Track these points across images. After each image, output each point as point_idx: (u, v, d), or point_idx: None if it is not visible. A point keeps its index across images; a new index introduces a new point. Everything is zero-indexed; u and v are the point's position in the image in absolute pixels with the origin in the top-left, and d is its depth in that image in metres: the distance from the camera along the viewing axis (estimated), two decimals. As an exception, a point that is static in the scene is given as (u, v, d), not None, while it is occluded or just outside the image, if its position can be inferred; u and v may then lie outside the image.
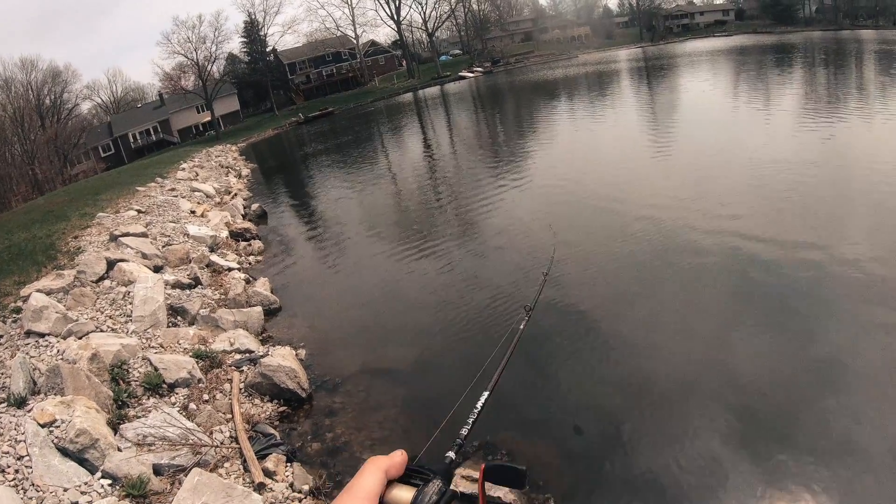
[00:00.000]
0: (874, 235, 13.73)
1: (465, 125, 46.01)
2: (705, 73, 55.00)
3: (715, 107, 35.24)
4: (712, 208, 16.36)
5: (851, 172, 18.70)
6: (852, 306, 10.80)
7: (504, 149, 31.36)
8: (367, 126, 55.59)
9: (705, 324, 10.60)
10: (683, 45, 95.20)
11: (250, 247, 19.59)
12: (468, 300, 13.36)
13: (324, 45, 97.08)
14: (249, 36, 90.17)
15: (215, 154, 48.53)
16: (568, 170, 23.68)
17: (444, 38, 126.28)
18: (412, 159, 33.60)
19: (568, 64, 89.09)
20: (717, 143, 24.52)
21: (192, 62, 72.74)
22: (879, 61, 50.27)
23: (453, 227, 19.11)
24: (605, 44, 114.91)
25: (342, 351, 12.01)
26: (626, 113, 37.45)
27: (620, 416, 8.46)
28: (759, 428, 7.88)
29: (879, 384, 8.60)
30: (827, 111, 29.49)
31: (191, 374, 9.62)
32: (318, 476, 7.96)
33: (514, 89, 67.52)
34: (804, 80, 44.21)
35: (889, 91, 34.54)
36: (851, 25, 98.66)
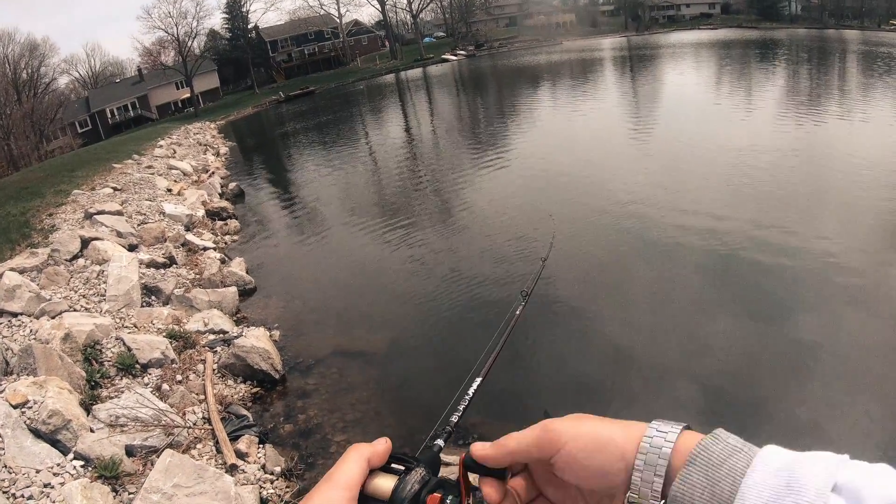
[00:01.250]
0: (848, 225, 14.17)
1: (446, 108, 45.99)
2: (689, 65, 55.38)
3: (697, 98, 35.56)
4: (699, 197, 16.59)
5: (829, 166, 19.09)
6: (826, 293, 11.16)
7: (485, 132, 31.44)
8: (349, 106, 55.26)
9: (708, 316, 10.67)
10: (668, 37, 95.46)
11: (227, 226, 19.51)
12: (448, 282, 13.47)
13: (306, 24, 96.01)
14: (231, 12, 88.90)
15: (194, 131, 47.97)
16: (549, 154, 23.84)
17: (429, 20, 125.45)
18: (393, 140, 33.55)
19: (551, 50, 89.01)
20: (699, 134, 24.80)
21: (172, 37, 71.69)
22: (861, 62, 50.91)
23: (434, 208, 19.21)
24: (590, 32, 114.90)
25: (317, 332, 12.07)
26: (607, 101, 37.61)
27: (615, 402, 8.60)
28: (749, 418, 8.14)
29: (849, 368, 8.96)
30: (807, 107, 29.90)
31: (164, 354, 9.61)
32: (290, 457, 8.04)
33: (496, 74, 67.44)
34: (787, 75, 44.72)
35: (868, 90, 35.09)
36: (836, 25, 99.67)
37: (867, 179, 17.24)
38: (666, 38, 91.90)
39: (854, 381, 8.62)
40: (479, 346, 5.82)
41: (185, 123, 54.78)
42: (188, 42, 73.19)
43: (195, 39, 76.02)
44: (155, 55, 75.40)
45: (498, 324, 3.19)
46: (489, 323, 11.61)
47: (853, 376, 8.70)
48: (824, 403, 8.24)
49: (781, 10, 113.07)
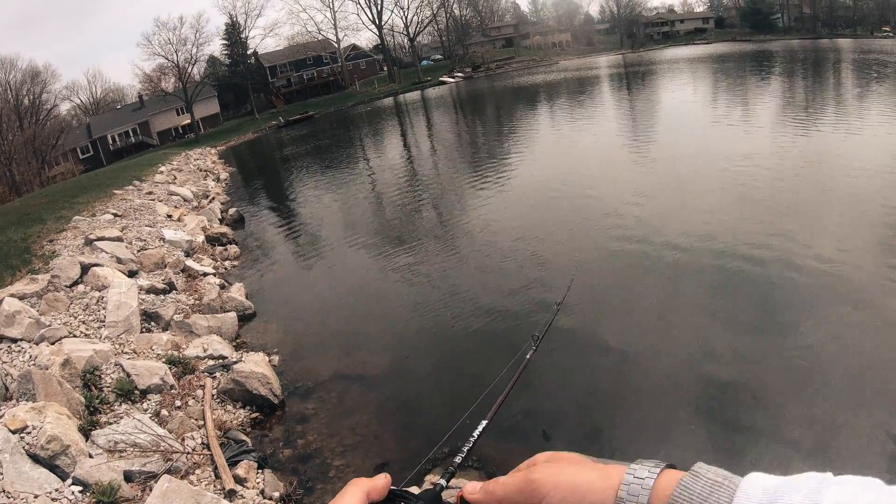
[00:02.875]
0: (847, 236, 14.31)
1: (446, 130, 46.23)
2: (684, 79, 55.80)
3: (695, 112, 35.81)
4: (710, 219, 16.63)
5: (827, 176, 19.25)
6: (827, 303, 11.32)
7: (485, 154, 31.60)
8: (348, 130, 55.58)
9: (723, 365, 10.11)
10: (663, 53, 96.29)
11: (226, 252, 19.59)
12: (448, 308, 13.49)
13: (305, 49, 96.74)
14: (230, 38, 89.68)
15: (194, 157, 48.25)
16: (550, 175, 23.94)
17: (426, 43, 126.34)
18: (392, 164, 33.73)
19: (549, 70, 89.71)
20: (701, 149, 24.93)
21: (172, 64, 72.31)
22: (855, 69, 51.37)
23: (435, 233, 19.25)
24: (586, 50, 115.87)
25: (316, 357, 12.09)
26: (605, 118, 37.89)
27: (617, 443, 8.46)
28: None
29: (851, 378, 9.01)
30: (804, 117, 30.15)
31: (163, 380, 9.65)
32: (288, 483, 8.05)
33: (495, 95, 67.87)
34: (783, 86, 45.04)
35: (864, 97, 35.38)
36: (830, 34, 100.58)
37: (868, 187, 17.39)
38: (661, 55, 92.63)
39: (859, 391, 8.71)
40: (480, 376, 5.76)
41: (185, 149, 55.15)
42: (188, 68, 73.89)
43: (195, 66, 76.88)
44: (155, 81, 76.12)
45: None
46: (492, 350, 11.67)
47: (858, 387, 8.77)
48: (827, 414, 8.30)
49: (774, 21, 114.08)
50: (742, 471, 0.96)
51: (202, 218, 22.86)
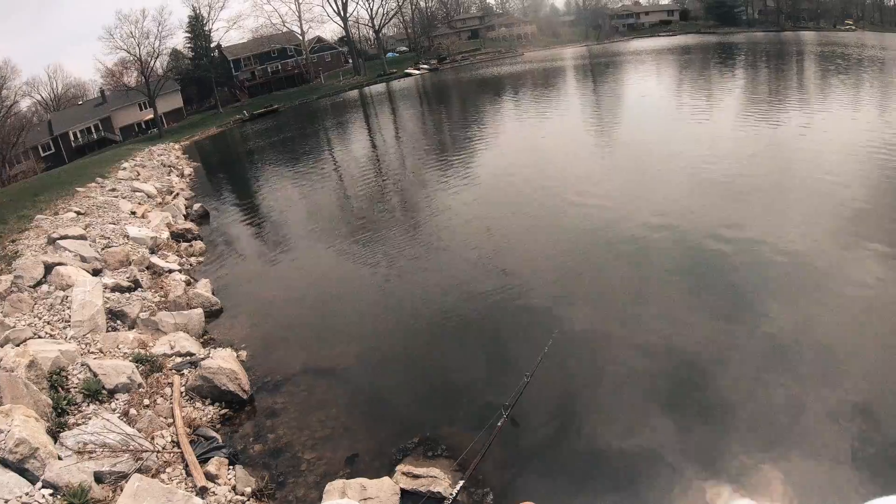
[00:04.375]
0: (808, 222, 14.92)
1: (411, 122, 46.22)
2: (649, 71, 56.49)
3: (658, 103, 36.28)
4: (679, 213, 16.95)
5: (789, 164, 19.83)
6: (790, 287, 11.88)
7: (450, 148, 31.66)
8: (313, 123, 55.25)
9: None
10: (628, 44, 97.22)
11: (192, 247, 19.47)
12: (414, 298, 13.70)
13: (269, 42, 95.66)
14: (193, 31, 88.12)
15: (157, 153, 47.60)
16: (518, 170, 24.03)
17: (391, 35, 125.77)
18: (358, 157, 33.67)
19: (514, 61, 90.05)
20: (666, 140, 25.36)
21: (134, 58, 70.69)
22: (818, 61, 52.56)
23: (400, 223, 19.36)
24: (552, 42, 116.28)
25: (284, 351, 12.16)
26: (573, 111, 38.19)
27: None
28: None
29: (813, 359, 9.55)
30: (767, 107, 30.85)
31: (131, 378, 9.63)
32: (260, 478, 8.15)
33: (460, 86, 67.95)
34: (745, 78, 45.94)
35: (825, 89, 36.31)
36: (793, 27, 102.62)
37: (828, 175, 18.02)
38: (626, 46, 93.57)
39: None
40: (444, 366, 5.89)
41: (148, 145, 54.30)
42: (151, 62, 72.23)
43: (158, 59, 75.20)
44: (117, 76, 74.25)
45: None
46: (454, 331, 11.91)
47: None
48: (790, 393, 8.68)
49: (739, 14, 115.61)
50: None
51: (166, 214, 22.64)
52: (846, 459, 7.53)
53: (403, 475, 7.96)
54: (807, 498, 7.09)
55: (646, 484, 7.55)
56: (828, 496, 7.10)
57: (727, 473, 7.55)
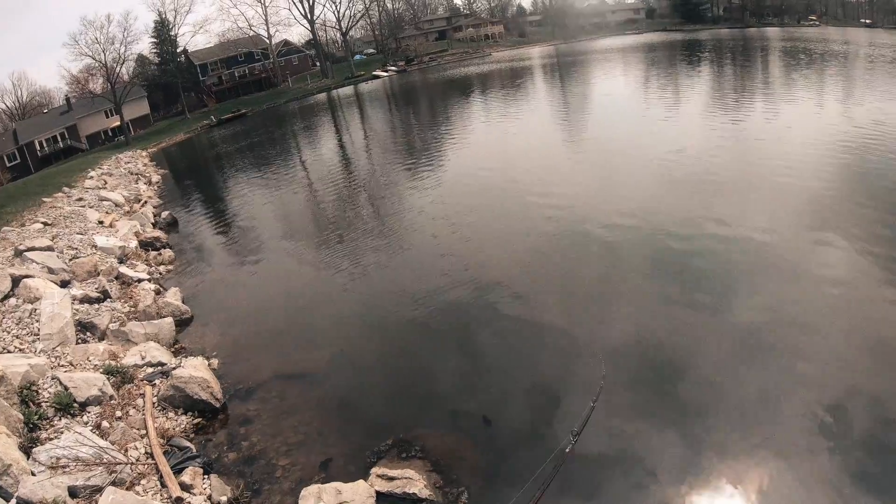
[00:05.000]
0: (775, 214, 15.39)
1: (379, 124, 46.24)
2: (616, 69, 57.22)
3: (626, 101, 36.82)
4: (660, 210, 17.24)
5: (755, 157, 20.39)
6: (756, 278, 12.34)
7: (419, 150, 31.76)
8: (281, 127, 54.97)
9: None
10: (595, 43, 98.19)
11: (160, 256, 19.34)
12: (383, 303, 13.77)
13: (236, 46, 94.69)
14: (159, 36, 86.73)
15: (125, 160, 46.94)
16: (484, 169, 24.33)
17: (358, 37, 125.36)
18: (326, 161, 33.57)
19: (482, 62, 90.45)
20: (635, 137, 25.77)
21: (100, 64, 69.40)
22: (782, 56, 53.71)
23: (369, 229, 19.40)
24: (519, 42, 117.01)
25: (255, 357, 12.19)
26: (540, 110, 38.49)
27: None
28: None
29: (785, 346, 9.99)
30: (732, 102, 31.53)
31: (102, 391, 9.61)
32: (235, 486, 8.20)
33: (428, 87, 68.11)
34: (711, 74, 46.74)
35: (789, 83, 37.13)
36: (758, 23, 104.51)
37: (792, 167, 18.60)
38: (593, 45, 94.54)
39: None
40: (416, 366, 6.07)
41: (115, 153, 53.49)
42: (116, 68, 70.99)
43: (123, 65, 73.97)
44: (83, 83, 72.82)
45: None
46: (423, 336, 12.07)
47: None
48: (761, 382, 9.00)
49: (704, 12, 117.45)
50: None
51: (134, 223, 22.43)
52: (818, 448, 7.86)
53: (378, 477, 8.07)
54: (783, 490, 7.38)
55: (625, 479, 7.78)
56: (802, 486, 7.39)
57: (708, 466, 7.82)
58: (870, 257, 12.69)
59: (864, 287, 11.62)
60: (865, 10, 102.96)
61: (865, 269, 12.31)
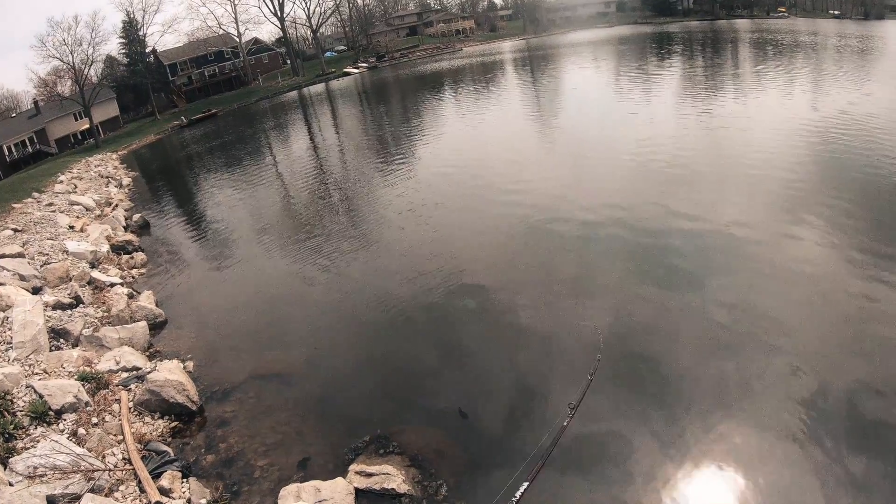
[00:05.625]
0: (745, 201, 15.97)
1: (350, 121, 46.10)
2: (587, 62, 57.67)
3: (599, 94, 37.19)
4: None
5: (723, 147, 20.86)
6: (732, 266, 12.74)
7: (391, 146, 31.81)
8: (253, 126, 54.50)
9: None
10: (566, 37, 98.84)
11: (133, 260, 19.17)
12: (356, 302, 13.85)
13: (206, 45, 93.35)
14: (128, 36, 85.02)
15: (95, 163, 46.22)
16: (457, 166, 24.49)
17: (329, 34, 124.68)
18: (298, 159, 33.45)
19: (453, 57, 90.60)
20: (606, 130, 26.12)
21: (68, 66, 67.87)
22: (751, 48, 54.58)
23: (341, 228, 19.47)
24: (490, 36, 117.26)
25: (231, 358, 12.22)
26: (512, 104, 38.75)
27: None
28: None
29: (757, 334, 10.33)
30: (702, 93, 32.01)
31: (77, 398, 9.57)
32: (214, 488, 8.26)
33: (400, 83, 68.00)
34: (681, 65, 47.30)
35: (758, 74, 37.76)
36: (727, 15, 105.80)
37: (761, 157, 19.07)
38: (564, 38, 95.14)
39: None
40: (390, 361, 6.25)
41: (85, 156, 52.54)
42: (85, 70, 69.51)
43: (92, 67, 72.42)
44: (51, 85, 71.27)
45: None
46: (398, 332, 12.21)
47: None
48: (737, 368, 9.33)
49: (674, 4, 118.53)
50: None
51: (106, 227, 22.18)
52: (791, 429, 8.16)
53: (357, 474, 8.17)
54: (757, 469, 7.65)
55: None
56: (775, 466, 7.66)
57: (681, 445, 8.11)
58: (838, 246, 13.12)
59: (831, 275, 12.04)
60: (834, 2, 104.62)
61: (833, 257, 12.75)
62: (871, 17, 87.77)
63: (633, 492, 7.49)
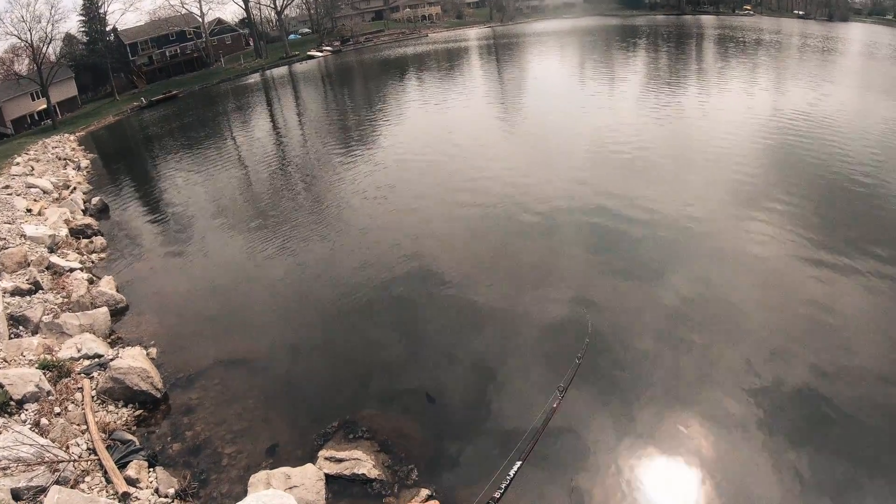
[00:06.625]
0: (705, 192, 16.47)
1: (314, 105, 45.64)
2: (552, 51, 57.98)
3: (563, 84, 37.41)
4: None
5: (686, 139, 21.30)
6: (690, 252, 13.30)
7: (354, 130, 31.70)
8: (214, 109, 53.60)
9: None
10: (532, 26, 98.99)
11: (92, 244, 18.73)
12: (322, 285, 13.90)
13: (167, 24, 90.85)
14: (88, 14, 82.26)
15: (52, 145, 44.85)
16: (419, 150, 24.59)
17: (294, 16, 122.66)
18: (261, 143, 32.98)
19: (418, 42, 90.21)
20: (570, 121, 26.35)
21: (25, 44, 65.54)
22: (715, 43, 55.48)
23: (306, 209, 19.47)
24: (456, 23, 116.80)
25: (195, 344, 12.09)
26: (477, 91, 38.74)
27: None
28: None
29: (715, 321, 10.78)
30: (666, 87, 32.46)
31: (39, 387, 9.36)
32: (182, 477, 8.18)
33: (364, 68, 67.49)
34: (646, 58, 47.91)
35: (722, 70, 38.44)
36: (694, 11, 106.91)
37: (723, 151, 19.53)
38: (530, 27, 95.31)
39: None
40: (357, 346, 6.25)
41: (42, 137, 50.89)
42: (43, 48, 67.25)
43: (51, 45, 70.11)
44: (7, 64, 68.86)
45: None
46: (365, 312, 12.25)
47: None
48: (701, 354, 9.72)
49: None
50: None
51: (64, 210, 21.59)
52: (750, 416, 8.46)
53: (326, 460, 8.17)
54: (718, 454, 7.95)
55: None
56: (734, 452, 7.94)
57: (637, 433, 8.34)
58: (792, 237, 13.58)
59: (786, 261, 12.51)
60: (799, 2, 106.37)
61: (788, 244, 13.23)
62: (836, 19, 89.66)
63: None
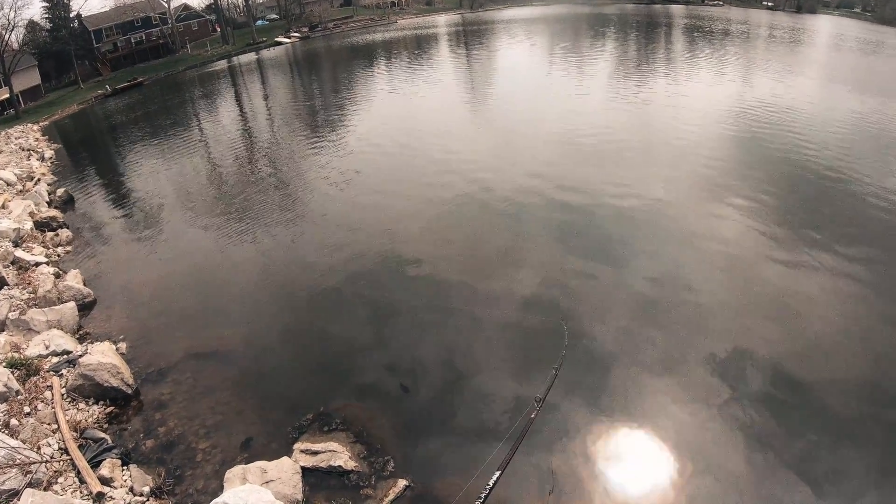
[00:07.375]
0: (672, 181, 16.76)
1: (281, 92, 45.17)
2: (522, 39, 58.11)
3: (533, 72, 37.54)
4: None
5: (653, 127, 21.56)
6: (658, 239, 13.55)
7: (322, 118, 31.51)
8: (180, 96, 52.74)
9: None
10: (502, 13, 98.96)
11: (58, 237, 18.37)
12: (293, 277, 13.88)
13: (132, 10, 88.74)
14: (52, 0, 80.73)
15: (15, 135, 43.61)
16: (386, 139, 24.57)
17: (261, 1, 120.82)
18: (228, 131, 32.55)
19: (387, 29, 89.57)
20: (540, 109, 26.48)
21: None
22: (684, 33, 56.10)
23: (275, 199, 19.41)
24: (425, 10, 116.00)
25: (165, 339, 11.96)
26: (446, 78, 38.81)
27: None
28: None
29: (684, 306, 11.04)
30: (635, 75, 32.72)
31: (7, 386, 9.19)
32: (157, 475, 8.12)
33: (332, 55, 66.89)
34: (614, 47, 48.28)
35: (690, 58, 38.91)
36: (664, 0, 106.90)
37: (690, 138, 19.86)
38: (500, 15, 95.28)
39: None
40: (329, 336, 6.17)
41: (4, 127, 49.41)
42: (5, 35, 65.39)
43: (13, 32, 68.14)
44: (-32, 52, 66.91)
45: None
46: (337, 304, 12.25)
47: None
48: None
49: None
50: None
51: (28, 202, 21.07)
52: (714, 402, 8.66)
53: (302, 453, 8.19)
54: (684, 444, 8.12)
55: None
56: (699, 441, 8.13)
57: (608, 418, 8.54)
58: (756, 223, 13.91)
59: (750, 248, 12.82)
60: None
61: (752, 231, 13.54)
62: (804, 11, 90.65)
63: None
